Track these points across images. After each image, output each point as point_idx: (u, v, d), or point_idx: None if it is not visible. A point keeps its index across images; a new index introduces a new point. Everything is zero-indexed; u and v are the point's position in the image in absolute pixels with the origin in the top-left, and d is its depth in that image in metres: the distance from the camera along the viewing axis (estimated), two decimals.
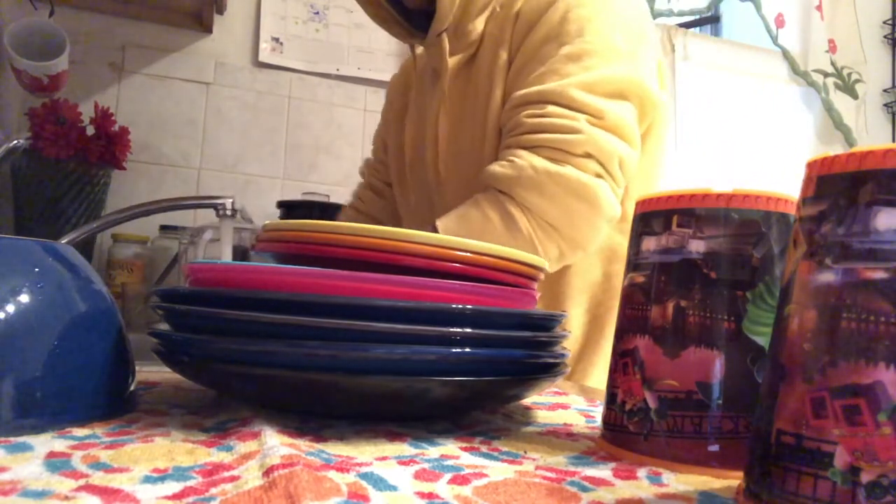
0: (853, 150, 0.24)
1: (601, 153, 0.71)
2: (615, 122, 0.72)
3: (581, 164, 0.71)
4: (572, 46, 0.75)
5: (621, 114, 0.73)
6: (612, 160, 0.72)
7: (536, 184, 0.71)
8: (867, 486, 0.22)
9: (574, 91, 0.72)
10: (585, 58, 0.74)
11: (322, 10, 1.71)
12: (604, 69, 0.74)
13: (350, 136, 1.71)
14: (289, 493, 0.25)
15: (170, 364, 0.40)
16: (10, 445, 0.30)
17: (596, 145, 0.71)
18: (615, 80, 0.74)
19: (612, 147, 0.72)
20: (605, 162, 0.72)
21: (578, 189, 0.71)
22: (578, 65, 0.74)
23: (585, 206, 0.72)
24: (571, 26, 0.75)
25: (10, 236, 0.37)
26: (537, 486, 0.29)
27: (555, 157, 0.71)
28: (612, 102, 0.73)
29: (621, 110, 0.74)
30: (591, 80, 0.73)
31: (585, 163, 0.71)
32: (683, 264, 0.34)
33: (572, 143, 0.71)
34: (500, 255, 0.43)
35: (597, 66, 0.74)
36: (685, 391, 0.33)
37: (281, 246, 0.45)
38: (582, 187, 0.71)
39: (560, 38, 0.76)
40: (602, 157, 0.71)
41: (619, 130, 0.73)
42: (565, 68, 0.74)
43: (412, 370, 0.36)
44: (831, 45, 2.25)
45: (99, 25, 1.50)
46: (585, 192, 0.71)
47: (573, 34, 0.75)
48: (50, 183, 1.23)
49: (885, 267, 0.22)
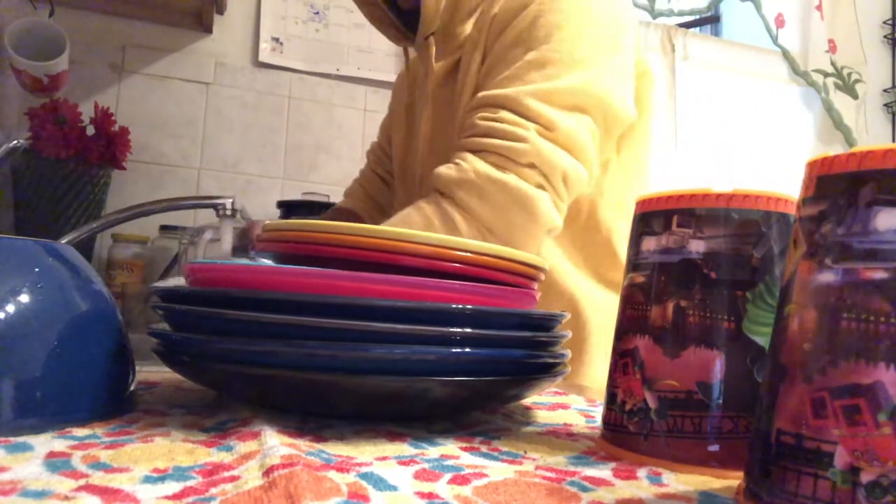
0: (853, 150, 0.24)
1: (545, 165, 0.71)
2: (566, 135, 0.72)
3: (524, 173, 0.71)
4: (537, 52, 0.74)
5: (574, 128, 0.73)
6: (556, 173, 0.72)
7: (477, 188, 0.71)
8: (867, 486, 0.22)
9: (529, 100, 0.72)
10: (549, 66, 0.74)
11: (322, 10, 1.71)
12: (564, 79, 0.73)
13: (350, 136, 1.71)
14: (289, 493, 0.25)
15: (170, 364, 0.40)
16: (10, 445, 0.30)
17: (540, 157, 0.71)
18: (574, 93, 0.74)
19: (557, 160, 0.72)
20: (549, 174, 0.72)
21: (518, 198, 0.71)
22: (541, 72, 0.74)
23: (524, 216, 0.72)
24: (540, 32, 0.75)
25: (10, 236, 0.37)
26: (537, 486, 0.29)
27: (499, 164, 0.71)
28: (568, 115, 0.73)
29: (575, 124, 0.73)
30: (548, 90, 0.73)
31: (528, 173, 0.71)
32: (683, 264, 0.34)
33: (518, 152, 0.71)
34: (500, 255, 0.43)
35: (559, 75, 0.73)
36: (685, 391, 0.33)
37: (281, 246, 0.45)
38: (522, 196, 0.71)
39: (527, 42, 0.75)
40: (545, 169, 0.71)
41: (569, 144, 0.73)
42: (528, 75, 0.74)
43: (412, 370, 0.36)
44: (831, 45, 2.25)
45: (99, 25, 1.50)
46: (525, 202, 0.71)
47: (540, 40, 0.75)
48: (50, 183, 1.23)
49: (885, 267, 0.22)
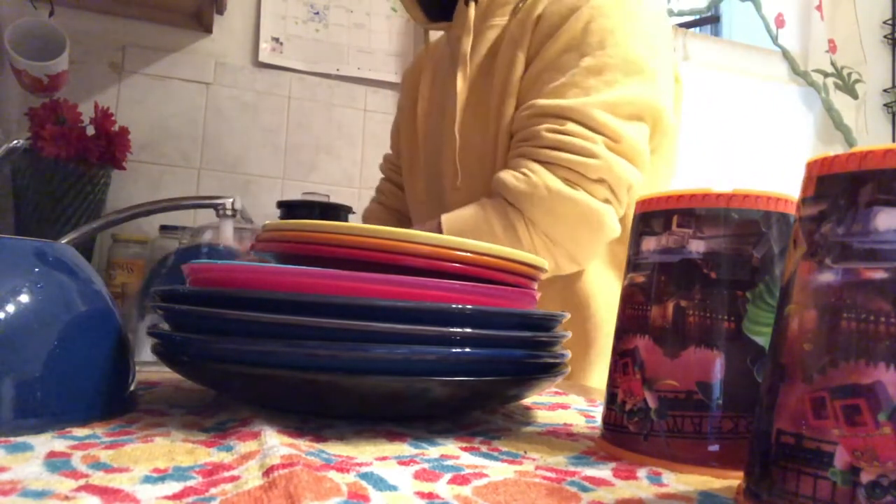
0: (853, 150, 0.24)
1: (614, 179, 0.72)
2: (631, 146, 0.73)
3: (594, 189, 0.72)
4: (594, 59, 0.74)
5: (637, 137, 0.74)
6: (622, 186, 0.73)
7: (548, 204, 0.72)
8: (867, 486, 0.22)
9: (595, 111, 0.72)
10: (606, 72, 0.74)
11: (322, 10, 1.71)
12: (624, 87, 0.74)
13: (350, 136, 1.71)
14: (289, 493, 0.25)
15: (170, 364, 0.40)
16: (10, 445, 0.30)
17: (611, 172, 0.72)
18: (634, 102, 0.74)
19: (625, 174, 0.73)
20: (616, 188, 0.73)
21: (587, 214, 0.72)
22: (599, 79, 0.74)
23: (591, 230, 0.73)
24: (593, 37, 0.75)
25: (10, 236, 0.37)
26: (537, 486, 0.29)
27: (570, 179, 0.72)
28: (629, 125, 0.74)
29: (637, 133, 0.75)
30: (612, 101, 0.73)
31: (598, 188, 0.72)
32: (683, 264, 0.34)
33: (589, 168, 0.71)
34: (500, 255, 0.43)
35: (617, 81, 0.74)
36: (685, 391, 0.33)
37: (281, 246, 0.45)
38: (591, 213, 0.72)
39: (581, 48, 0.75)
40: (614, 184, 0.73)
41: (633, 155, 0.74)
42: (586, 81, 0.74)
43: (412, 370, 0.36)
44: (831, 45, 2.25)
45: (99, 25, 1.50)
46: (593, 218, 0.72)
47: (595, 46, 0.75)
48: (50, 183, 1.23)
49: (885, 267, 0.22)
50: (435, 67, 0.97)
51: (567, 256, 0.75)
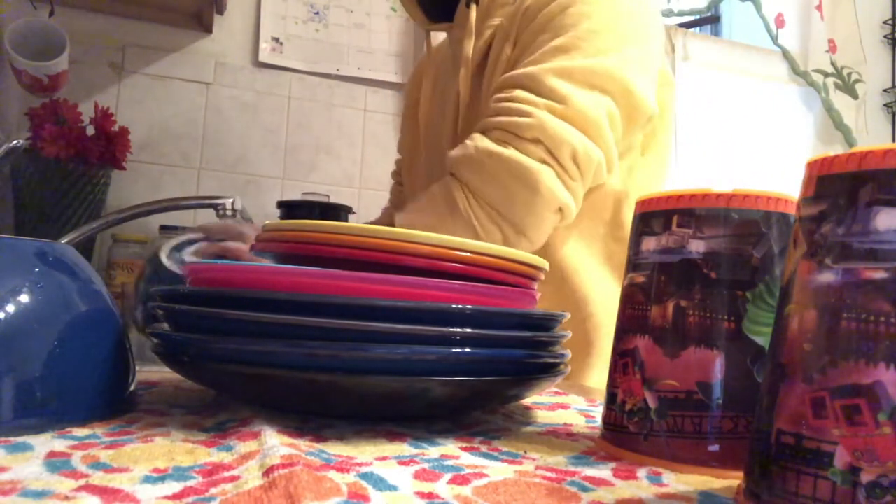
0: (853, 150, 0.24)
1: (549, 140, 0.70)
2: (578, 111, 0.71)
3: (526, 147, 0.70)
4: (564, 39, 0.74)
5: (589, 104, 0.71)
6: (562, 149, 0.70)
7: (476, 163, 0.71)
8: (867, 486, 0.22)
9: (547, 76, 0.71)
10: (573, 51, 0.74)
11: (322, 10, 1.71)
12: (587, 59, 0.73)
13: (350, 136, 1.71)
14: (289, 493, 0.25)
15: (170, 364, 0.40)
16: (10, 445, 0.30)
17: (544, 131, 0.70)
18: (595, 72, 0.73)
19: (564, 136, 0.70)
20: (554, 149, 0.70)
21: (517, 171, 0.69)
22: (565, 56, 0.73)
23: (525, 190, 0.70)
24: (568, 20, 0.75)
25: (10, 236, 0.37)
26: (537, 486, 0.29)
27: (502, 139, 0.71)
28: (585, 92, 0.72)
29: (591, 101, 0.72)
30: (568, 67, 0.72)
31: (531, 147, 0.70)
32: (683, 264, 0.34)
33: (521, 127, 0.70)
34: (500, 255, 0.43)
35: (582, 56, 0.73)
36: (685, 391, 0.33)
37: (281, 246, 0.45)
38: (523, 169, 0.69)
39: (554, 29, 0.76)
40: (550, 144, 0.70)
41: (581, 121, 0.71)
42: (551, 58, 0.74)
43: (412, 370, 0.36)
44: (831, 45, 2.25)
45: (99, 25, 1.50)
46: (525, 175, 0.69)
47: (567, 27, 0.75)
48: (50, 183, 1.23)
49: (885, 267, 0.22)
50: (437, 69, 0.97)
51: (510, 224, 0.72)
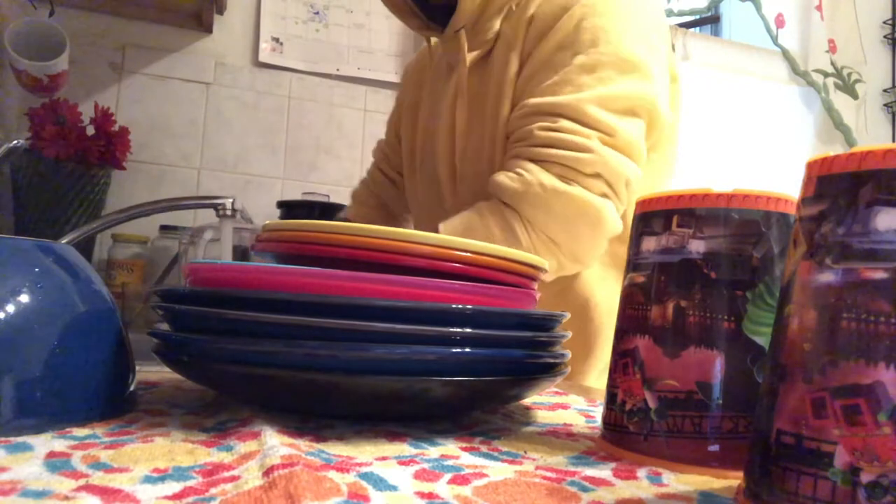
0: (853, 150, 0.24)
1: (610, 173, 0.72)
2: (626, 141, 0.73)
3: (589, 184, 0.71)
4: (586, 56, 0.74)
5: (632, 132, 0.73)
6: (620, 181, 0.72)
7: (543, 201, 0.71)
8: (867, 486, 0.22)
9: (588, 106, 0.72)
10: (599, 69, 0.74)
11: (322, 10, 1.71)
12: (618, 84, 0.74)
13: (350, 136, 1.71)
14: (289, 493, 0.25)
15: (170, 364, 0.40)
16: (10, 445, 0.30)
17: (606, 166, 0.71)
18: (629, 97, 0.74)
19: (621, 168, 0.72)
20: (613, 182, 0.72)
21: (585, 209, 0.71)
22: (593, 76, 0.73)
23: (590, 226, 0.72)
24: (586, 35, 0.75)
25: (10, 236, 0.37)
26: (537, 486, 0.29)
27: (564, 175, 0.71)
28: (624, 120, 0.73)
29: (632, 128, 0.74)
30: (605, 96, 0.73)
31: (594, 183, 0.71)
32: (683, 264, 0.34)
33: (583, 162, 0.71)
34: (500, 255, 0.43)
35: (611, 78, 0.74)
36: (685, 391, 0.33)
37: (281, 246, 0.45)
38: (589, 207, 0.71)
39: (574, 46, 0.75)
40: (610, 178, 0.72)
41: (629, 150, 0.73)
42: (579, 79, 0.74)
43: (412, 370, 0.36)
44: (831, 45, 2.25)
45: (99, 25, 1.50)
46: (591, 213, 0.71)
47: (587, 43, 0.75)
48: (50, 183, 1.23)
49: (885, 267, 0.22)
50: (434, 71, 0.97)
51: (569, 255, 0.75)
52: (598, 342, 0.86)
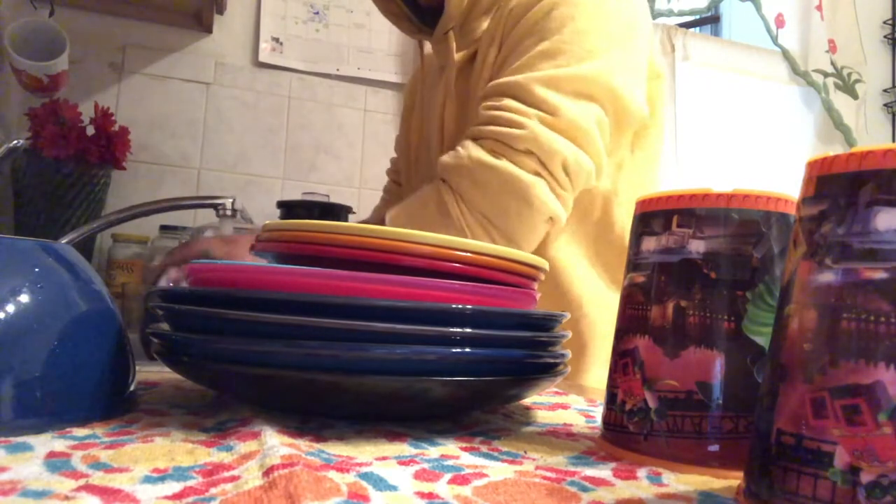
0: (853, 150, 0.24)
1: (542, 152, 0.71)
2: (569, 122, 0.72)
3: (519, 159, 0.71)
4: (549, 43, 0.74)
5: (579, 115, 0.72)
6: (554, 160, 0.71)
7: (470, 172, 0.71)
8: (867, 486, 0.22)
9: (535, 86, 0.72)
10: (559, 56, 0.74)
11: (322, 10, 1.71)
12: (574, 67, 0.73)
13: (350, 136, 1.71)
14: (289, 493, 0.25)
15: (170, 364, 0.40)
16: (10, 445, 0.30)
17: (538, 143, 0.70)
18: (583, 80, 0.73)
19: (556, 147, 0.71)
20: (546, 161, 0.71)
21: (511, 183, 0.71)
22: (551, 62, 0.73)
23: (517, 202, 0.71)
24: (553, 23, 0.75)
25: (10, 236, 0.37)
26: (537, 486, 0.29)
27: (495, 150, 0.71)
28: (574, 102, 0.73)
29: (580, 111, 0.73)
30: (556, 76, 0.72)
31: (524, 159, 0.71)
32: (683, 264, 0.34)
33: (514, 138, 0.71)
34: (500, 255, 0.43)
35: (568, 64, 0.73)
36: (685, 391, 0.33)
37: (281, 246, 0.45)
38: (515, 181, 0.70)
39: (540, 33, 0.76)
40: (543, 156, 0.71)
41: (572, 131, 0.72)
42: (539, 64, 0.74)
43: (412, 370, 0.36)
44: (831, 45, 2.25)
45: (99, 25, 1.50)
46: (519, 187, 0.71)
47: (552, 31, 0.75)
48: (50, 183, 1.23)
49: (885, 267, 0.22)
50: (428, 74, 0.98)
51: (502, 234, 0.73)
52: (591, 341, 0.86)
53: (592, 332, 0.86)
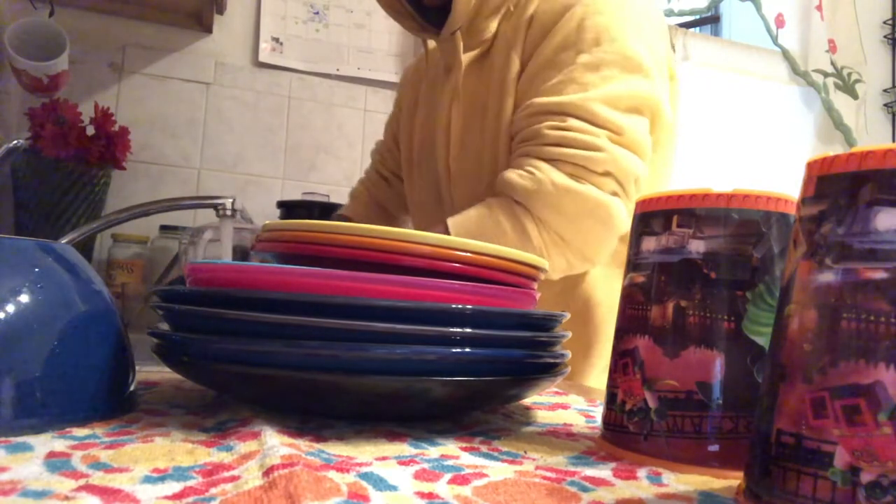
0: (853, 150, 0.24)
1: (620, 172, 0.72)
2: (633, 139, 0.73)
3: (600, 182, 0.72)
4: (590, 55, 0.75)
5: (638, 130, 0.74)
6: (629, 178, 0.73)
7: (555, 199, 0.71)
8: (867, 486, 0.22)
9: (596, 105, 0.72)
10: (604, 67, 0.74)
11: (322, 10, 1.71)
12: (622, 82, 0.74)
13: (350, 136, 1.71)
14: (289, 493, 0.25)
15: (170, 364, 0.40)
16: (10, 445, 0.30)
17: (616, 164, 0.72)
18: (633, 96, 0.74)
19: (630, 166, 0.73)
20: (623, 180, 0.73)
21: (595, 208, 0.72)
22: (597, 75, 0.74)
23: (600, 224, 0.73)
24: (588, 34, 0.75)
25: (10, 236, 0.37)
26: (537, 486, 0.29)
27: (576, 174, 0.72)
28: (630, 118, 0.74)
29: (638, 126, 0.74)
30: (611, 95, 0.73)
31: (604, 181, 0.72)
32: (683, 264, 0.34)
33: (594, 161, 0.71)
34: (500, 255, 0.43)
35: (615, 76, 0.74)
36: (685, 391, 0.33)
37: (281, 246, 0.45)
38: (599, 206, 0.72)
39: (577, 45, 0.76)
40: (620, 176, 0.72)
41: (636, 147, 0.74)
42: (584, 78, 0.74)
43: (412, 370, 0.36)
44: (831, 45, 2.25)
45: (99, 25, 1.50)
46: (602, 211, 0.72)
47: (590, 42, 0.75)
48: (50, 183, 1.23)
49: (885, 267, 0.22)
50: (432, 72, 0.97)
51: (578, 254, 0.75)
52: (597, 342, 0.87)
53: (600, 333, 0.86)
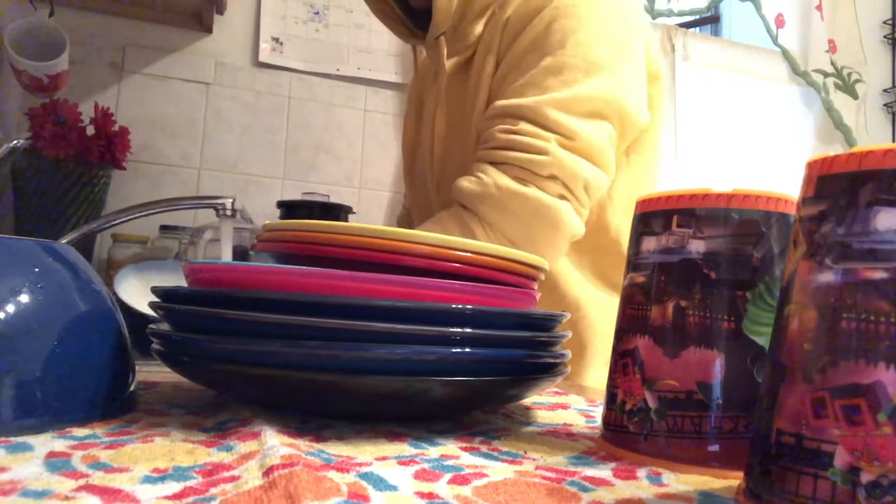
0: (853, 150, 0.24)
1: (566, 176, 0.72)
2: (586, 143, 0.73)
3: (545, 185, 0.72)
4: (553, 58, 0.74)
5: (594, 135, 0.73)
6: (577, 182, 0.73)
7: (499, 202, 0.72)
8: (867, 486, 0.22)
9: (549, 109, 0.72)
10: (566, 71, 0.74)
11: (322, 10, 1.71)
12: (582, 86, 0.74)
13: (350, 136, 1.71)
14: (289, 493, 0.25)
15: (170, 364, 0.40)
16: (10, 445, 0.30)
17: (562, 168, 0.72)
18: (593, 99, 0.74)
19: (578, 170, 0.72)
20: (570, 184, 0.72)
21: (540, 210, 0.72)
22: (558, 79, 0.74)
23: (547, 227, 0.73)
24: (555, 37, 0.75)
25: (10, 236, 0.37)
26: (537, 486, 0.29)
27: (520, 177, 0.72)
28: (587, 122, 0.73)
29: (594, 131, 0.74)
30: (567, 98, 0.73)
31: (550, 185, 0.72)
32: (683, 264, 0.34)
33: (539, 164, 0.71)
34: (500, 255, 0.43)
35: (576, 80, 0.74)
36: (685, 391, 0.33)
37: (281, 246, 0.45)
38: (544, 208, 0.71)
39: (543, 48, 0.75)
40: (567, 180, 0.72)
41: (589, 152, 0.73)
42: (545, 81, 0.74)
43: (412, 370, 0.36)
44: (831, 45, 2.25)
45: (99, 25, 1.50)
46: (547, 213, 0.72)
47: (555, 45, 0.75)
48: (50, 183, 1.23)
49: (885, 267, 0.22)
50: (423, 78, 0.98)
51: None
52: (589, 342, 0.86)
53: (591, 334, 0.86)
